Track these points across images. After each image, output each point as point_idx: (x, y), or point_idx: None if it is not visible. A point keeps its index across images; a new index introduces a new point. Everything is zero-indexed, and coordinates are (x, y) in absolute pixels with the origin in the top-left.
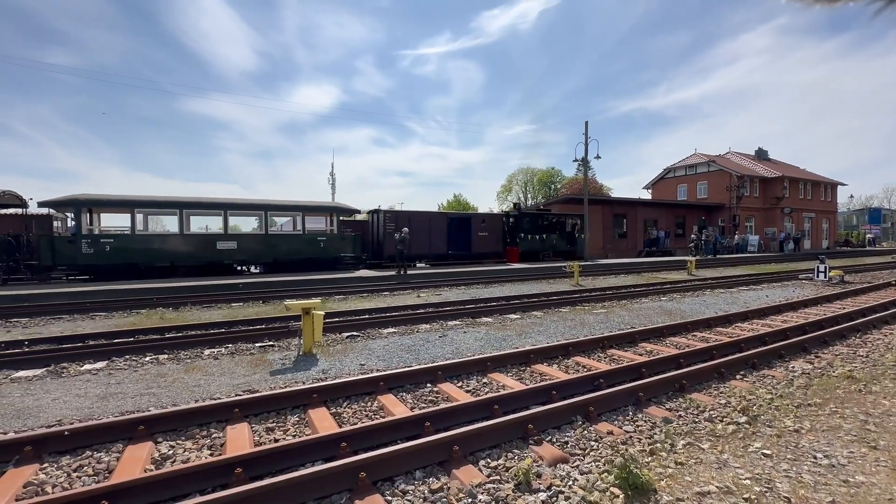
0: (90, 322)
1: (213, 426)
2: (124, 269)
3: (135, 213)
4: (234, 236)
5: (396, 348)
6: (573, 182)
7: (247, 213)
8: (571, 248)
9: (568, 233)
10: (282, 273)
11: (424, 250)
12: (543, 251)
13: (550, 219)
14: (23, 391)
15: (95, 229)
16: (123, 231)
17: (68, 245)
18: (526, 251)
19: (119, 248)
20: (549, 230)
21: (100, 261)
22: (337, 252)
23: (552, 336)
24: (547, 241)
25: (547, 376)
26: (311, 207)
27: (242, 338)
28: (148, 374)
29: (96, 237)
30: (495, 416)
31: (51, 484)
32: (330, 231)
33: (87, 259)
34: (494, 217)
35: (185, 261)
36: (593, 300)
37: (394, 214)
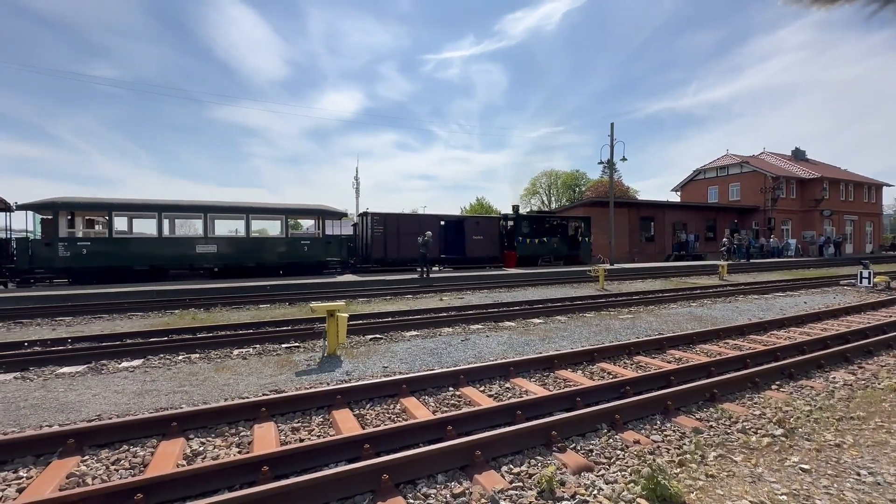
0: (128, 321)
1: (242, 424)
2: (102, 272)
3: (112, 215)
4: (214, 239)
5: (419, 351)
6: (598, 184)
7: (228, 216)
8: (574, 253)
9: (570, 236)
10: (263, 278)
11: (415, 255)
12: (543, 255)
13: (551, 221)
14: (66, 386)
15: (78, 232)
16: (101, 234)
17: (45, 248)
18: (524, 255)
19: (96, 251)
20: (549, 233)
21: (77, 264)
22: (322, 256)
23: (576, 341)
24: (547, 244)
25: (571, 382)
26: (294, 210)
27: (270, 338)
28: (181, 372)
29: (73, 240)
30: (518, 421)
31: (91, 475)
32: (315, 234)
33: (64, 262)
34: (490, 220)
35: (163, 264)
36: (619, 305)
37: (381, 217)
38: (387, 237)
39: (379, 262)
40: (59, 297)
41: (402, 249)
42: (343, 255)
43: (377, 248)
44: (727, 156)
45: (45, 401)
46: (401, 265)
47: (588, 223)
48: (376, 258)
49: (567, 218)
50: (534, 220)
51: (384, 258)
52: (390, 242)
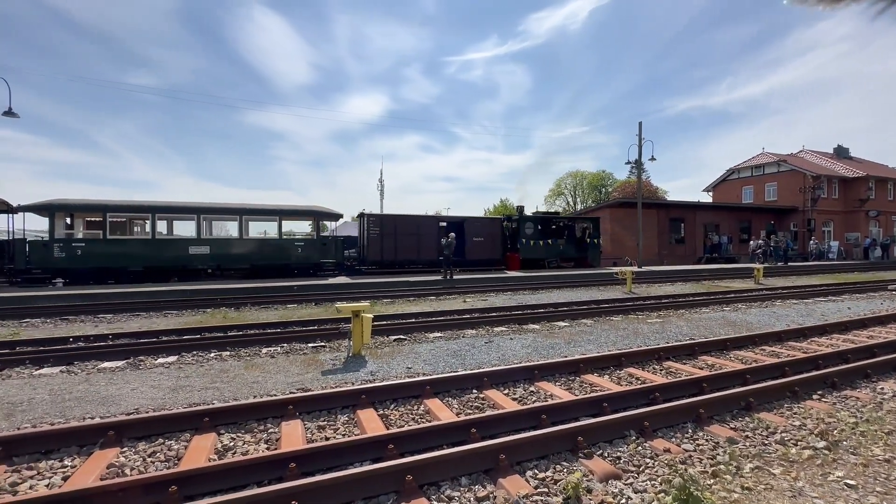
0: (163, 319)
1: (270, 421)
2: (96, 272)
3: (106, 217)
4: (207, 241)
5: (442, 353)
6: (625, 185)
7: (222, 217)
8: (581, 255)
9: (578, 238)
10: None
11: (413, 256)
12: (548, 258)
13: (557, 223)
14: (107, 381)
15: (78, 233)
16: (95, 236)
17: (42, 249)
18: (528, 258)
19: (91, 252)
20: (555, 235)
21: (72, 265)
22: (316, 258)
23: (603, 345)
24: (552, 246)
25: (598, 387)
26: (288, 211)
27: (297, 338)
28: (212, 369)
29: (68, 241)
30: (543, 426)
31: (129, 466)
32: (309, 236)
33: (60, 263)
34: (492, 221)
35: (156, 265)
36: (647, 309)
37: (378, 218)
38: (383, 239)
39: (376, 265)
40: (101, 294)
41: (399, 251)
42: (338, 257)
43: (373, 249)
44: (763, 154)
45: (87, 394)
46: (398, 267)
47: (597, 224)
48: (372, 260)
49: (574, 219)
50: (538, 221)
51: (381, 260)
52: (387, 244)
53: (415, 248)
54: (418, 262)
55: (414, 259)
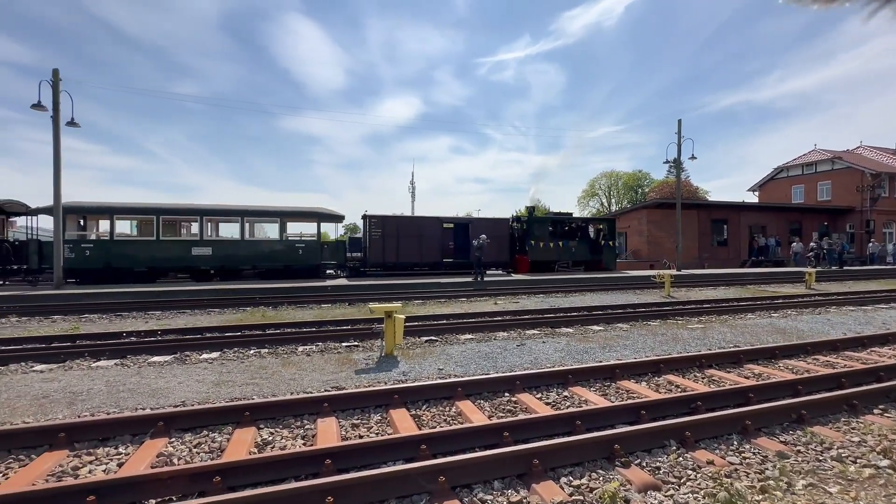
0: (206, 317)
1: (306, 418)
2: (103, 273)
3: (113, 219)
4: (210, 242)
5: (474, 355)
6: (663, 185)
7: (224, 219)
8: (595, 258)
9: (591, 240)
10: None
11: (415, 258)
12: (559, 261)
13: (570, 224)
14: (156, 374)
15: (90, 234)
16: (102, 237)
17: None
18: (538, 260)
19: (98, 253)
20: (567, 237)
21: (81, 265)
22: (317, 259)
23: (640, 351)
24: (564, 249)
25: (635, 394)
26: (290, 213)
27: (331, 337)
28: (252, 365)
29: (77, 242)
30: (578, 432)
31: (176, 456)
32: (311, 237)
33: (69, 263)
34: (498, 222)
35: (160, 266)
36: (688, 314)
37: (380, 220)
38: (385, 240)
39: (378, 267)
40: (150, 293)
41: (401, 253)
42: (339, 259)
43: (375, 251)
44: (815, 151)
45: (139, 386)
46: (400, 269)
47: (612, 225)
48: (374, 262)
49: (588, 220)
50: (549, 222)
51: (382, 262)
52: (388, 246)
53: (417, 250)
54: (420, 264)
55: (416, 261)
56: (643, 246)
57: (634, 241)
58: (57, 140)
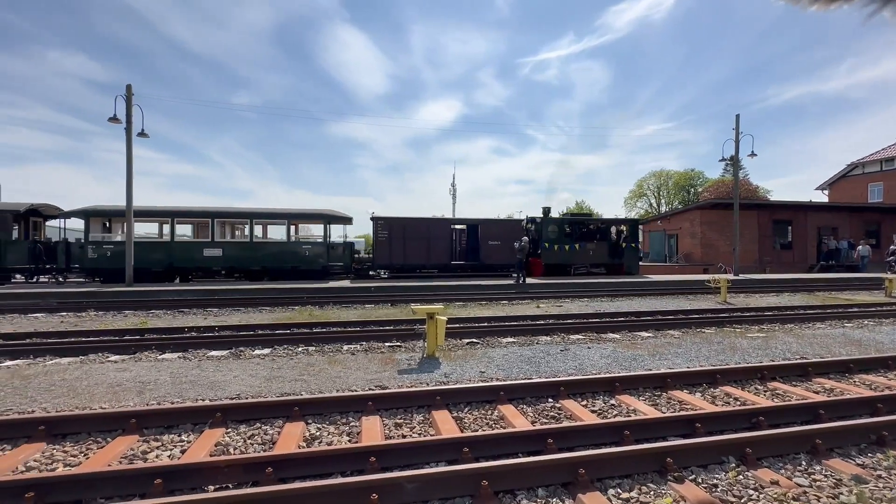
0: (258, 315)
1: (351, 415)
2: (123, 272)
3: (132, 221)
4: (220, 244)
5: (516, 359)
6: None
7: (233, 221)
8: (616, 262)
9: (612, 242)
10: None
11: (422, 261)
12: (576, 264)
13: (587, 225)
14: (214, 368)
15: (115, 236)
16: (118, 238)
17: (79, 250)
18: (552, 263)
19: (118, 253)
20: (584, 239)
21: (102, 265)
22: (324, 261)
23: (693, 360)
24: (581, 251)
25: (688, 405)
26: (296, 215)
27: (374, 337)
28: (300, 362)
29: (99, 243)
30: (626, 442)
31: (232, 446)
32: (318, 239)
33: (92, 263)
34: (510, 223)
35: (175, 266)
36: (747, 321)
37: (387, 221)
38: (392, 242)
39: (384, 269)
40: (208, 291)
41: (408, 255)
42: (346, 261)
43: (381, 253)
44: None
45: (199, 378)
46: (408, 272)
47: (635, 227)
48: (380, 264)
49: (608, 221)
50: (565, 223)
51: (389, 264)
52: (395, 248)
53: (424, 252)
54: (428, 266)
55: (423, 263)
56: (696, 249)
57: (686, 244)
58: (129, 150)
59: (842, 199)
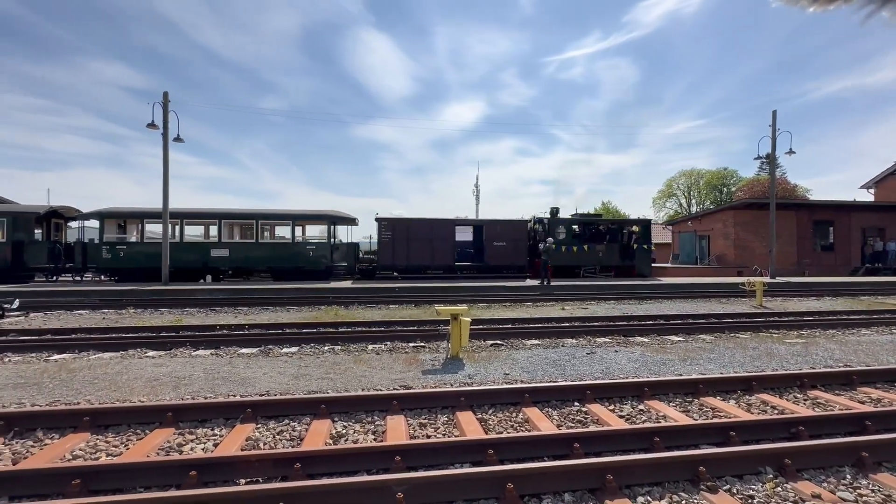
0: (286, 314)
1: (376, 414)
2: (136, 272)
3: (144, 222)
4: (227, 244)
5: (541, 361)
6: (753, 183)
7: (240, 222)
8: (627, 264)
9: (623, 244)
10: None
11: (426, 262)
12: (585, 266)
13: (597, 226)
14: (244, 364)
15: (130, 237)
16: (131, 239)
17: (94, 251)
18: (560, 265)
19: (130, 253)
20: (593, 240)
21: (116, 264)
22: (328, 262)
23: (726, 365)
24: (589, 253)
25: (721, 412)
26: (301, 216)
27: (399, 337)
28: (327, 361)
29: (113, 244)
30: (656, 449)
31: (262, 441)
32: (322, 240)
33: (106, 263)
34: (515, 224)
35: (183, 266)
36: (784, 326)
37: (390, 222)
38: (395, 243)
39: (388, 270)
40: (238, 290)
41: (411, 256)
42: (349, 261)
43: (384, 254)
44: None
45: (231, 374)
46: (412, 273)
47: (647, 227)
48: (383, 265)
49: (619, 222)
50: (573, 224)
51: (392, 265)
52: (399, 249)
53: (428, 253)
54: (432, 267)
55: (427, 264)
56: (729, 250)
57: (719, 245)
58: (166, 154)
59: (889, 198)
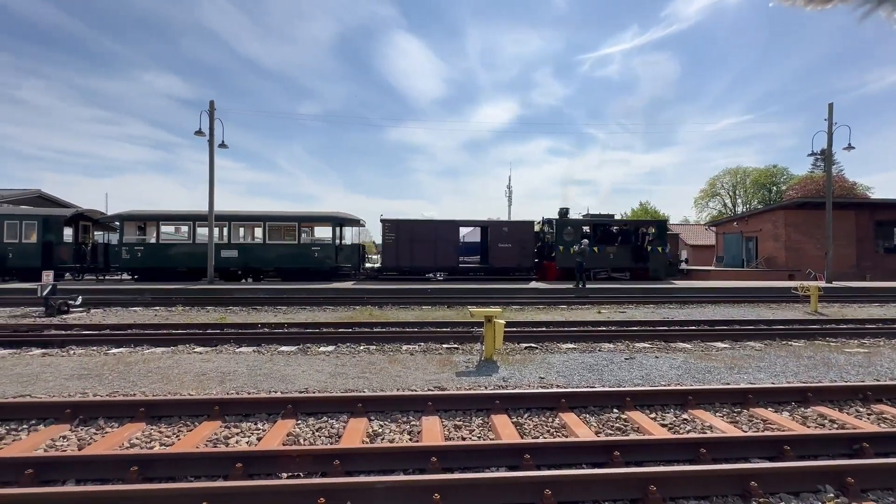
0: (323, 313)
1: (411, 414)
2: (151, 270)
3: (159, 225)
4: (236, 245)
5: (577, 365)
6: (806, 181)
7: (249, 224)
8: (640, 266)
9: (636, 246)
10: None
11: (429, 263)
12: (595, 268)
13: (608, 227)
14: (284, 362)
15: (150, 238)
16: (149, 240)
17: (115, 252)
18: (568, 268)
19: (147, 254)
20: (604, 242)
21: (134, 264)
22: (332, 262)
23: (778, 375)
24: (600, 255)
25: (774, 425)
26: (306, 217)
27: (432, 338)
28: (362, 360)
29: (132, 245)
30: (702, 460)
31: (302, 437)
32: (326, 241)
33: (126, 263)
34: (521, 225)
35: (195, 265)
36: (843, 335)
37: (393, 224)
38: (398, 244)
39: (392, 271)
40: (277, 290)
41: (415, 258)
42: (354, 262)
43: (388, 255)
44: None
45: (272, 371)
46: (416, 274)
47: (662, 228)
48: (387, 266)
49: (632, 223)
50: (582, 224)
51: (397, 266)
52: (402, 250)
53: (431, 255)
54: (435, 269)
55: (430, 266)
56: (779, 252)
57: (768, 247)
58: (212, 159)
59: None
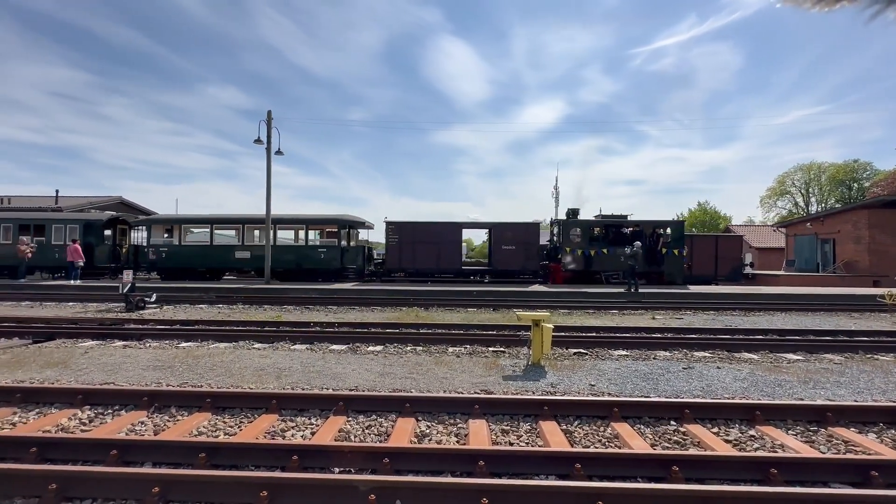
0: (371, 313)
1: (458, 416)
2: (175, 270)
3: (182, 227)
4: (248, 247)
5: (630, 373)
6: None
7: (259, 226)
8: (654, 269)
9: (649, 248)
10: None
11: (432, 266)
12: (606, 271)
13: (619, 228)
14: (335, 360)
15: (175, 240)
16: (173, 242)
17: (144, 253)
18: (577, 269)
19: (170, 255)
20: (614, 243)
21: (160, 264)
22: (338, 264)
23: (861, 391)
24: (609, 257)
25: (857, 447)
26: (315, 220)
27: (478, 341)
28: (409, 361)
29: (157, 246)
30: (773, 482)
31: (353, 434)
32: (333, 243)
33: (153, 263)
34: (526, 227)
35: (212, 266)
36: None
37: (396, 225)
38: (401, 246)
39: (397, 273)
40: (328, 290)
41: (418, 260)
42: (359, 264)
43: (392, 258)
44: None
45: (324, 369)
46: (419, 276)
47: (679, 230)
48: (390, 268)
49: (645, 224)
50: (592, 225)
51: (399, 268)
52: (405, 252)
53: (434, 257)
54: (438, 271)
55: (433, 268)
56: (861, 256)
57: (847, 250)
58: (269, 166)
59: None
